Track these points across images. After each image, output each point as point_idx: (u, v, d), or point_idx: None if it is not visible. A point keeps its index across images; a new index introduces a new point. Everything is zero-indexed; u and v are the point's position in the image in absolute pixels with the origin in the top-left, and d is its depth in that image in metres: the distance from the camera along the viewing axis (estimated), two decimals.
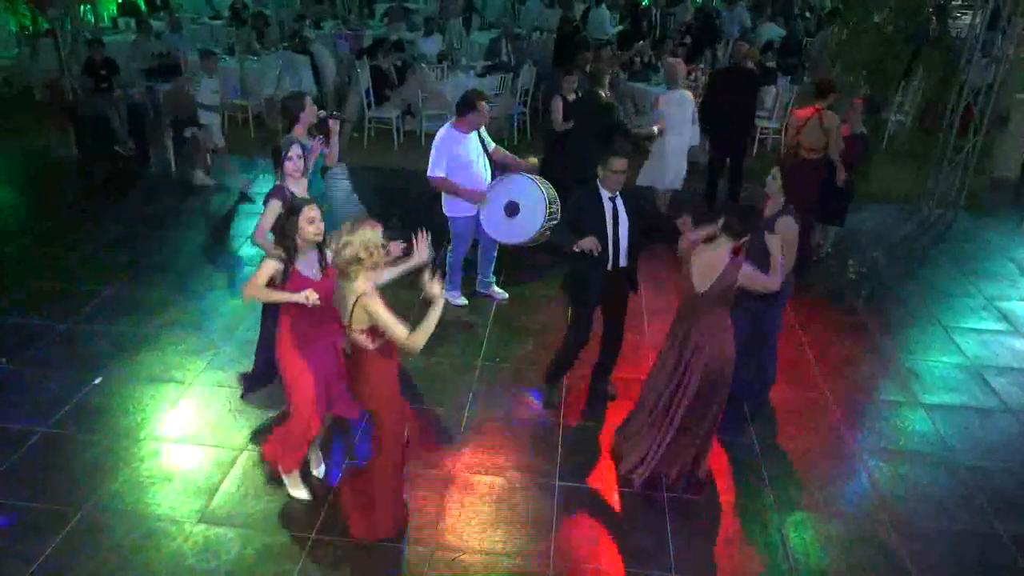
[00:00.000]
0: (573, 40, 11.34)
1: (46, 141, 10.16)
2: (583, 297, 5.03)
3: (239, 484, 4.52)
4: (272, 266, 3.94)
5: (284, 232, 3.91)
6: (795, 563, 4.18)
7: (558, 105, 7.54)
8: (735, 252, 4.24)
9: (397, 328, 3.61)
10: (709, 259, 4.25)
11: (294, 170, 4.70)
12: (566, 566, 4.08)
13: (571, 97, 7.59)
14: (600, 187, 4.82)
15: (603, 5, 13.49)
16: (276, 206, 4.47)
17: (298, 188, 4.71)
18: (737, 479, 4.78)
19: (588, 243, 4.69)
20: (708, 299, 4.27)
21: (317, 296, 3.89)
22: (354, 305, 3.61)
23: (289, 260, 3.92)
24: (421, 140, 9.96)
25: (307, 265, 3.98)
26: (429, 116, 10.24)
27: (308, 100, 5.48)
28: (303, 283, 3.92)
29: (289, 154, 4.65)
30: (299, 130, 5.33)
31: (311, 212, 3.88)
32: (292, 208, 3.93)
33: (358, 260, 3.57)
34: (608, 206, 4.81)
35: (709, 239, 4.29)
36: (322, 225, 3.93)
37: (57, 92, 10.52)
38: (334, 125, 5.50)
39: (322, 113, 5.52)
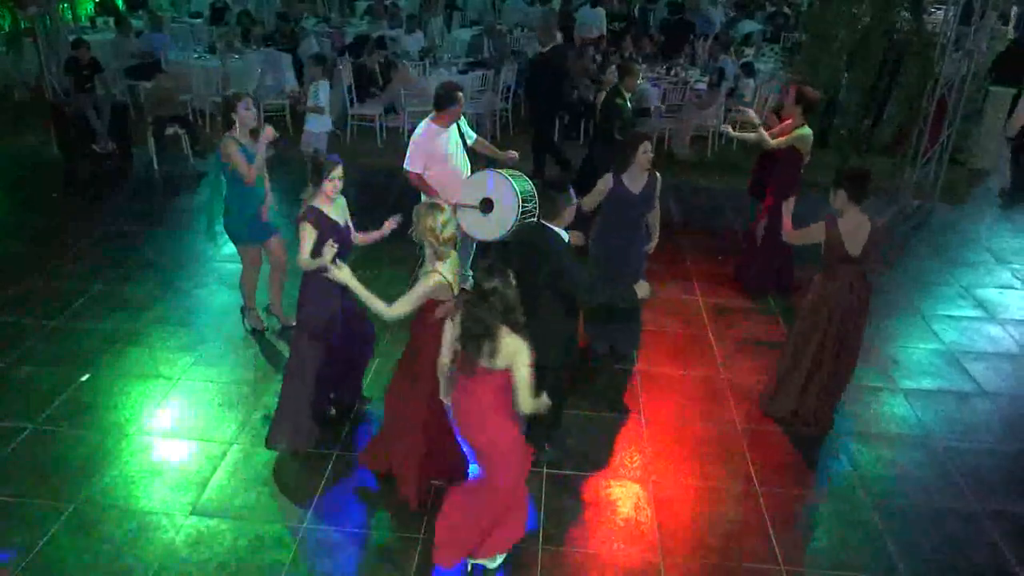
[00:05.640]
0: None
1: (28, 141, 10.11)
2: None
3: (229, 477, 4.55)
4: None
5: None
6: (778, 544, 4.27)
7: None
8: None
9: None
10: (854, 225, 4.70)
11: (333, 191, 4.53)
12: (554, 550, 4.15)
13: None
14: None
15: (599, 5, 13.55)
16: (310, 229, 4.40)
17: (331, 209, 4.56)
18: (722, 462, 4.87)
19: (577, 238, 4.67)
20: (860, 261, 4.77)
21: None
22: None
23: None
24: (404, 137, 9.99)
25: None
26: (412, 113, 10.27)
27: (246, 102, 5.44)
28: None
29: (332, 177, 4.46)
30: (235, 131, 5.36)
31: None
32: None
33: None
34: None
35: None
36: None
37: (39, 92, 10.47)
38: (267, 131, 5.37)
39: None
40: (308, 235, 4.40)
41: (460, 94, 5.93)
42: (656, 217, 5.67)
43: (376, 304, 3.93)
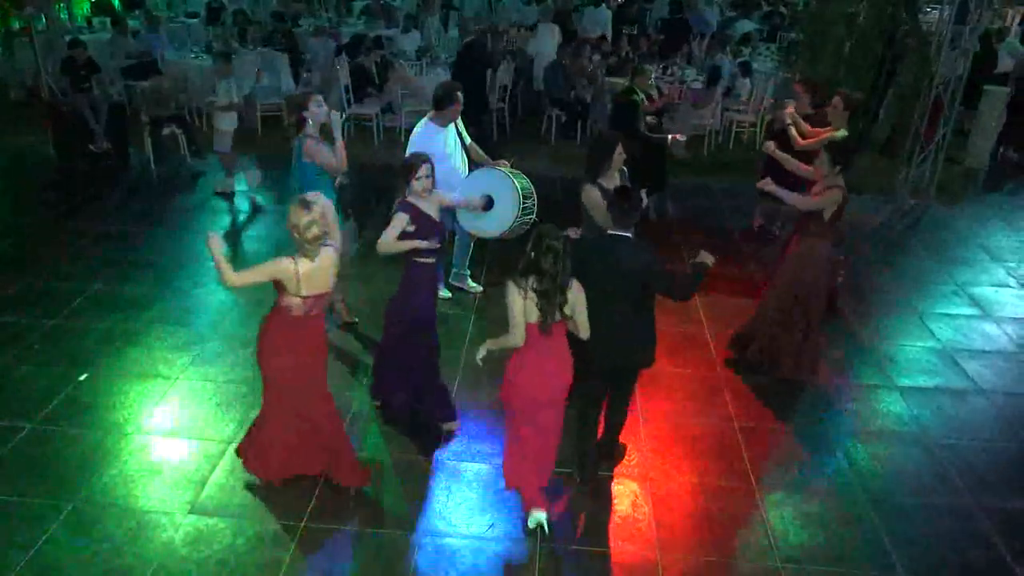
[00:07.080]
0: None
1: (26, 140, 10.09)
2: None
3: (228, 475, 4.56)
4: None
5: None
6: (775, 540, 4.29)
7: None
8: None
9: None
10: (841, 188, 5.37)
11: (423, 190, 4.60)
12: (552, 548, 4.17)
13: None
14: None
15: (603, 5, 13.55)
16: (403, 219, 4.51)
17: (426, 205, 4.64)
18: (719, 459, 4.89)
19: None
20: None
21: None
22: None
23: None
24: (401, 136, 10.02)
25: None
26: (409, 112, 10.28)
27: (317, 100, 5.48)
28: None
29: (420, 175, 4.55)
30: (307, 129, 5.38)
31: None
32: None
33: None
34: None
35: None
36: None
37: (35, 91, 10.45)
38: (334, 123, 5.45)
39: (334, 115, 5.49)
40: (399, 222, 4.51)
41: (460, 93, 5.96)
42: None
43: (225, 269, 3.96)
